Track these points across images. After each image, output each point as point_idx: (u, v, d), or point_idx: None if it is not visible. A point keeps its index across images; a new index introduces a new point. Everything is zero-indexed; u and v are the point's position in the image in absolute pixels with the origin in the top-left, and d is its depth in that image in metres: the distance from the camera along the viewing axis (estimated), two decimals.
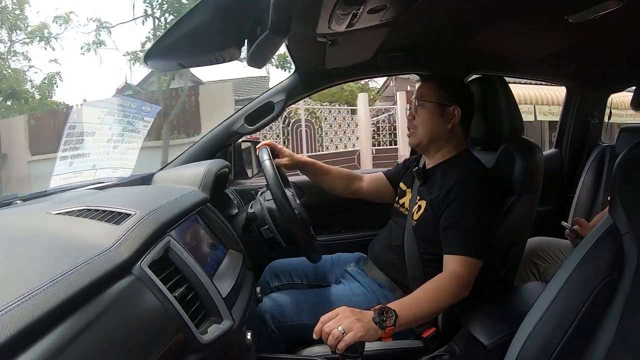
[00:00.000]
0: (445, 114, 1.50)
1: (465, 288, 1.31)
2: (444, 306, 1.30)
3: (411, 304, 1.25)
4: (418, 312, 1.24)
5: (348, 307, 1.18)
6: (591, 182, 2.34)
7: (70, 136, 1.31)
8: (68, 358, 0.56)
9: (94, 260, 0.71)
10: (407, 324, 1.22)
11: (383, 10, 1.09)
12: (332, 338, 1.11)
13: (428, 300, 1.27)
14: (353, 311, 1.16)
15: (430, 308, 1.27)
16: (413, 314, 1.23)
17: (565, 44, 1.80)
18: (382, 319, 1.15)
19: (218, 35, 0.96)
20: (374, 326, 1.14)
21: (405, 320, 1.19)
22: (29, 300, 0.56)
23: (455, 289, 1.30)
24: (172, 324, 0.79)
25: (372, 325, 1.14)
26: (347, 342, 1.10)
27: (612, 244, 0.87)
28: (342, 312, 1.16)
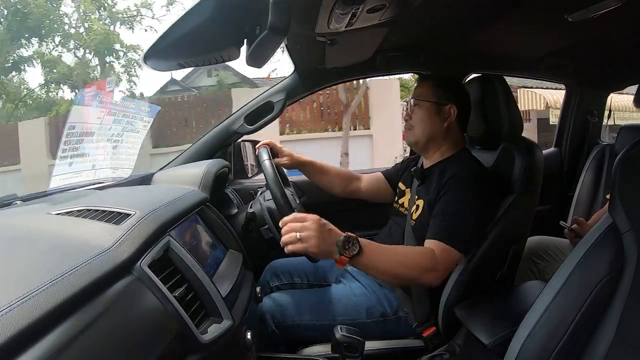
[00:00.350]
0: (442, 113, 1.51)
1: (436, 273, 1.29)
2: (406, 274, 1.29)
3: (380, 253, 1.25)
4: (380, 263, 1.24)
5: (322, 221, 1.17)
6: (591, 181, 2.34)
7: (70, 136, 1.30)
8: (68, 358, 0.56)
9: (94, 261, 0.71)
10: (363, 266, 1.22)
11: (382, 10, 1.09)
12: (287, 237, 1.15)
13: (396, 260, 1.28)
14: (322, 227, 1.16)
15: (393, 267, 1.26)
16: (375, 262, 1.22)
17: (564, 43, 1.80)
18: (344, 247, 1.15)
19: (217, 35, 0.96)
20: (331, 249, 1.15)
21: (364, 262, 1.19)
22: (29, 301, 0.56)
23: (426, 265, 1.29)
24: (172, 324, 0.79)
25: (329, 248, 1.15)
26: (293, 250, 1.15)
27: (612, 242, 0.88)
28: (312, 222, 1.15)
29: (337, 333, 1.16)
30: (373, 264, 1.22)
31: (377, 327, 1.46)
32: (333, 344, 1.17)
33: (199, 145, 1.97)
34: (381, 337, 1.46)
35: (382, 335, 1.46)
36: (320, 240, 1.14)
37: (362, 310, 1.47)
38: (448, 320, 1.42)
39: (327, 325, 1.34)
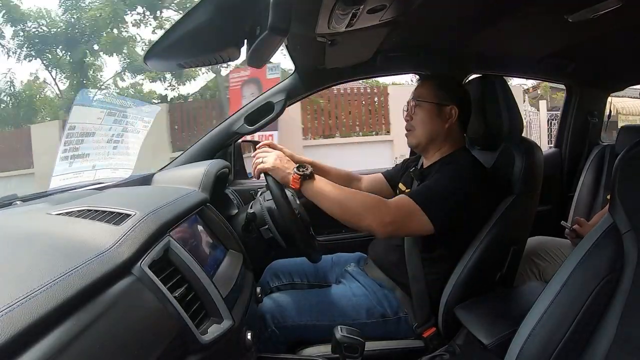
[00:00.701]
0: (443, 113, 1.51)
1: (384, 219, 1.30)
2: (352, 209, 1.32)
3: (331, 184, 1.35)
4: (327, 191, 1.32)
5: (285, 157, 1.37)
6: (591, 181, 2.34)
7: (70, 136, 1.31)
8: (68, 359, 0.56)
9: (94, 261, 0.71)
10: (312, 191, 1.32)
11: (382, 10, 1.09)
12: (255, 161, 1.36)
13: (347, 193, 1.33)
14: (282, 157, 1.36)
15: (339, 198, 1.32)
16: (323, 188, 1.32)
17: (564, 44, 1.80)
18: (298, 168, 1.31)
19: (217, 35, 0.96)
20: (286, 170, 1.32)
21: (312, 186, 1.32)
22: (29, 301, 0.56)
23: (375, 208, 1.31)
24: (172, 324, 0.79)
25: (285, 170, 1.32)
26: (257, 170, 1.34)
27: (612, 243, 0.87)
28: (276, 153, 1.36)
29: (337, 333, 1.16)
30: (321, 190, 1.32)
31: (377, 328, 1.46)
32: (333, 344, 1.17)
33: (199, 145, 1.97)
34: (381, 337, 1.46)
35: (382, 335, 1.46)
36: (277, 161, 1.32)
37: (362, 310, 1.47)
38: (448, 320, 1.42)
39: (327, 326, 1.34)
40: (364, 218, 1.31)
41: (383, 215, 1.30)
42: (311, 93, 2.09)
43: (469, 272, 1.41)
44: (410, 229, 1.35)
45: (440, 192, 1.35)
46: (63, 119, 11.02)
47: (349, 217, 1.33)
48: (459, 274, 1.42)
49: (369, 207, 1.31)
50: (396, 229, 1.33)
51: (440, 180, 1.38)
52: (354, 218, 1.33)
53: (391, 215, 1.30)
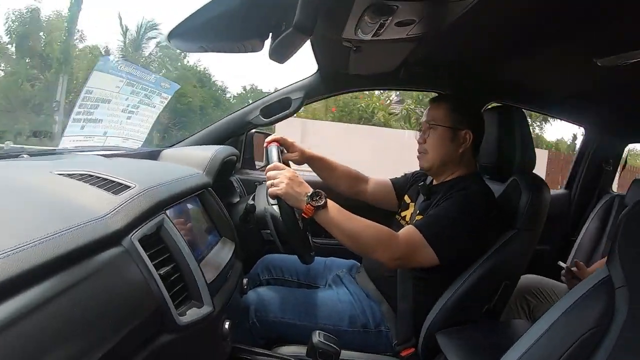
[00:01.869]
0: (457, 138, 1.49)
1: (393, 255, 1.32)
2: (364, 242, 1.33)
3: (344, 214, 1.33)
4: (343, 222, 1.31)
5: (295, 174, 1.33)
6: (595, 228, 2.31)
7: (86, 100, 1.32)
8: (45, 315, 0.56)
9: (87, 226, 0.71)
10: (325, 220, 1.31)
11: (411, 25, 1.08)
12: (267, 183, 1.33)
13: (358, 225, 1.33)
14: (294, 178, 1.31)
15: (351, 229, 1.32)
16: (336, 219, 1.31)
17: (589, 86, 1.79)
18: (312, 197, 1.28)
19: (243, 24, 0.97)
20: (299, 197, 1.29)
21: (326, 216, 1.30)
22: (18, 254, 0.57)
23: (385, 242, 1.32)
24: (152, 300, 0.80)
25: (298, 196, 1.29)
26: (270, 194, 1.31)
27: (604, 295, 0.86)
28: (288, 171, 1.33)
29: (314, 338, 1.17)
30: (334, 221, 1.30)
31: (357, 338, 1.45)
32: (309, 347, 1.17)
33: (212, 129, 1.98)
34: (359, 348, 1.45)
35: (360, 346, 1.45)
36: (289, 187, 1.28)
37: (345, 317, 1.46)
38: (428, 344, 1.41)
39: (308, 327, 1.35)
40: (374, 251, 1.33)
41: (393, 250, 1.32)
42: (330, 95, 2.09)
43: (458, 299, 1.40)
44: (417, 262, 1.36)
45: (448, 225, 1.35)
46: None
47: (359, 248, 1.37)
48: (447, 300, 1.41)
49: (379, 241, 1.32)
50: (405, 263, 1.37)
51: (450, 211, 1.37)
52: (364, 250, 1.38)
53: (401, 251, 1.32)
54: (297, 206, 1.30)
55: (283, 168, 1.34)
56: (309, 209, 1.28)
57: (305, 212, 1.28)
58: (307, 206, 1.28)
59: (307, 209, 1.28)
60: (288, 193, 1.28)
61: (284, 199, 1.29)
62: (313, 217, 1.29)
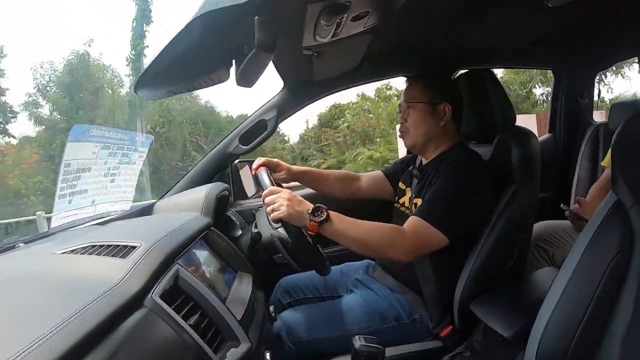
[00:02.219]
0: (437, 112, 1.50)
1: (405, 249, 1.32)
2: (373, 245, 1.33)
3: (348, 222, 1.32)
4: (347, 231, 1.31)
5: (293, 193, 1.31)
6: (588, 161, 2.35)
7: (67, 174, 1.30)
8: None
9: (104, 297, 0.70)
10: (331, 233, 1.29)
11: (366, 17, 1.09)
12: (268, 210, 1.30)
13: (364, 230, 1.32)
14: (293, 197, 1.29)
15: (358, 236, 1.32)
16: (342, 229, 1.30)
17: (547, 30, 1.82)
18: (314, 214, 1.27)
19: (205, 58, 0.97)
20: (301, 216, 1.27)
21: (331, 229, 1.29)
22: (45, 344, 0.55)
23: (394, 240, 1.32)
24: (189, 353, 0.79)
25: (300, 215, 1.27)
26: (272, 218, 1.29)
27: (619, 220, 0.87)
28: (284, 192, 1.30)
29: (356, 343, 1.15)
30: (340, 232, 1.30)
31: (394, 332, 1.45)
32: (353, 354, 1.16)
33: (197, 170, 1.97)
34: (399, 341, 1.45)
35: (399, 339, 1.45)
36: (290, 208, 1.27)
37: (376, 316, 1.46)
38: (464, 317, 1.41)
39: (344, 336, 1.34)
40: (385, 252, 1.35)
41: (403, 246, 1.32)
42: (302, 107, 2.09)
43: (479, 266, 1.40)
44: (430, 248, 1.36)
45: (445, 203, 1.36)
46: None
47: (370, 252, 1.41)
48: (470, 270, 1.41)
49: (388, 241, 1.33)
50: (418, 254, 1.37)
51: (443, 189, 1.39)
52: (375, 253, 1.41)
53: (410, 244, 1.33)
54: (301, 225, 1.29)
55: (279, 191, 1.32)
56: (313, 226, 1.27)
57: (310, 229, 1.28)
58: (310, 223, 1.27)
59: (311, 226, 1.27)
60: (290, 214, 1.27)
61: (288, 221, 1.28)
62: (319, 232, 1.29)
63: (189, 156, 13.35)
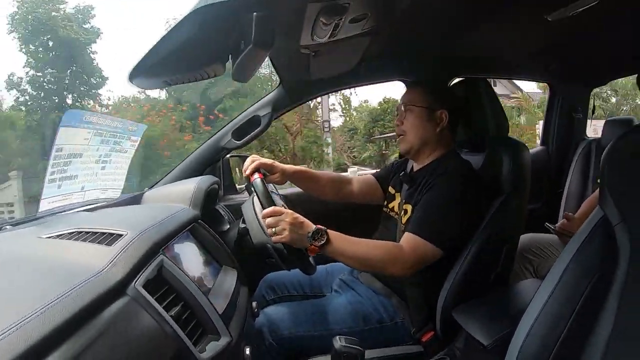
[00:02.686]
0: (434, 118, 1.51)
1: (404, 266, 1.35)
2: (374, 264, 1.37)
3: (348, 242, 1.35)
4: (349, 251, 1.34)
5: (295, 215, 1.31)
6: (579, 176, 2.37)
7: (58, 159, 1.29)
8: None
9: (87, 283, 0.70)
10: (332, 254, 1.33)
11: (364, 20, 1.10)
12: (269, 231, 1.31)
13: (364, 249, 1.35)
14: (295, 220, 1.29)
15: (358, 256, 1.35)
16: (342, 250, 1.33)
17: (545, 43, 1.83)
18: (314, 237, 1.29)
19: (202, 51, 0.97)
20: (302, 240, 1.29)
21: (332, 250, 1.31)
22: (23, 327, 0.55)
23: (393, 258, 1.34)
24: (169, 344, 0.79)
25: (301, 239, 1.29)
26: (273, 240, 1.30)
27: (604, 236, 0.88)
28: (287, 216, 1.30)
29: (336, 343, 1.16)
30: (340, 252, 1.33)
31: (375, 335, 1.45)
32: (333, 354, 1.16)
33: (188, 162, 1.97)
34: (380, 344, 1.45)
35: (380, 342, 1.45)
36: (293, 232, 1.28)
37: (359, 318, 1.46)
38: (446, 323, 1.42)
39: (325, 336, 1.34)
40: (385, 269, 1.37)
41: (402, 263, 1.35)
42: (297, 105, 2.10)
43: (464, 273, 1.41)
44: (426, 262, 1.38)
45: (439, 215, 1.38)
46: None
47: (371, 269, 1.46)
48: (455, 276, 1.42)
49: (387, 259, 1.35)
50: (416, 269, 1.38)
51: (436, 201, 1.40)
52: (375, 270, 1.45)
53: (409, 261, 1.35)
54: (302, 247, 1.32)
55: (281, 212, 1.32)
56: (314, 249, 1.30)
57: (310, 251, 1.31)
58: (311, 247, 1.30)
59: (311, 250, 1.30)
60: (292, 239, 1.29)
61: (289, 244, 1.31)
62: (319, 252, 1.31)
63: None
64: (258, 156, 1.56)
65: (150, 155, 9.07)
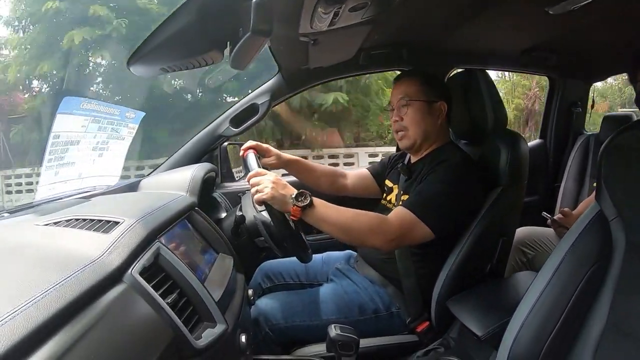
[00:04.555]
0: (433, 110, 1.51)
1: (387, 237, 1.32)
2: (355, 231, 1.33)
3: (332, 208, 1.33)
4: (329, 217, 1.31)
5: (278, 177, 1.32)
6: (577, 170, 2.38)
7: (55, 145, 1.28)
8: None
9: (84, 271, 0.70)
10: (314, 218, 1.30)
11: (364, 8, 1.09)
12: (252, 191, 1.31)
13: (348, 216, 1.32)
14: (278, 181, 1.30)
15: (341, 222, 1.32)
16: (324, 215, 1.31)
17: (546, 36, 1.82)
18: (297, 198, 1.28)
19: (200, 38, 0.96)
20: (285, 200, 1.28)
21: (314, 214, 1.30)
22: (20, 315, 0.55)
23: (376, 227, 1.32)
24: (165, 331, 0.79)
25: (283, 199, 1.28)
26: (255, 200, 1.30)
27: (600, 230, 0.89)
28: (270, 175, 1.32)
29: (331, 332, 1.17)
30: (323, 217, 1.30)
31: (371, 324, 1.46)
32: (328, 343, 1.17)
33: (185, 150, 1.96)
34: (375, 333, 1.46)
35: (376, 332, 1.47)
36: (274, 191, 1.28)
37: (355, 307, 1.47)
38: (441, 314, 1.43)
39: (321, 325, 1.35)
40: (368, 239, 1.33)
41: (386, 234, 1.32)
42: (295, 93, 2.09)
43: (460, 265, 1.42)
44: (412, 240, 1.37)
45: (435, 198, 1.36)
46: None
47: (352, 239, 1.37)
48: (450, 267, 1.43)
49: (371, 228, 1.32)
50: (400, 243, 1.36)
51: (436, 184, 1.39)
52: (357, 240, 1.38)
53: (394, 232, 1.32)
54: (284, 209, 1.29)
55: (264, 173, 1.33)
56: (296, 210, 1.27)
57: (293, 214, 1.28)
58: (293, 208, 1.27)
59: (294, 211, 1.27)
60: (274, 197, 1.27)
61: (271, 203, 1.29)
62: (301, 217, 1.29)
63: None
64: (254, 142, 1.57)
65: None
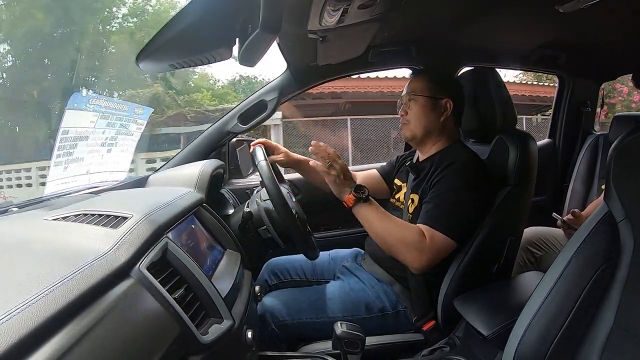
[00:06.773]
0: (438, 107, 1.51)
1: (423, 256, 1.33)
2: (395, 243, 1.35)
3: (381, 212, 1.38)
4: (376, 219, 1.36)
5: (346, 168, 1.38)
6: (585, 170, 2.36)
7: (64, 141, 1.29)
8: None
9: (92, 265, 0.70)
10: (362, 214, 1.36)
11: (373, 6, 1.09)
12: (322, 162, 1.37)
13: (389, 224, 1.36)
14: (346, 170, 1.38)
15: (384, 228, 1.36)
16: (373, 215, 1.36)
17: (556, 35, 1.81)
18: (357, 189, 1.35)
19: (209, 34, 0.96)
20: (344, 188, 1.37)
21: (365, 210, 1.36)
22: (28, 309, 0.55)
23: (412, 241, 1.33)
24: (172, 326, 0.79)
25: (344, 187, 1.37)
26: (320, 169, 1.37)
27: (608, 232, 0.88)
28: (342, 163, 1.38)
29: (337, 329, 1.17)
30: (371, 216, 1.36)
31: (377, 322, 1.46)
32: (334, 340, 1.18)
33: (194, 146, 1.97)
34: (381, 332, 1.46)
35: (382, 330, 1.47)
36: (338, 178, 1.36)
37: (361, 305, 1.47)
38: (447, 313, 1.43)
39: (327, 322, 1.35)
40: (401, 254, 1.35)
41: (421, 255, 1.33)
42: (304, 90, 2.09)
43: (467, 264, 1.41)
44: (442, 256, 1.37)
45: (452, 209, 1.37)
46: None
47: (387, 248, 1.39)
48: (457, 267, 1.42)
49: (408, 245, 1.33)
50: (431, 263, 1.36)
51: (447, 193, 1.39)
52: (392, 251, 1.38)
53: (428, 252, 1.33)
54: (340, 193, 1.35)
55: (337, 157, 1.38)
56: (350, 199, 1.34)
57: (346, 201, 1.35)
58: (349, 196, 1.34)
59: (348, 199, 1.35)
60: (335, 182, 1.36)
61: (329, 182, 1.36)
62: (351, 208, 1.34)
63: None
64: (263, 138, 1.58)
65: None
